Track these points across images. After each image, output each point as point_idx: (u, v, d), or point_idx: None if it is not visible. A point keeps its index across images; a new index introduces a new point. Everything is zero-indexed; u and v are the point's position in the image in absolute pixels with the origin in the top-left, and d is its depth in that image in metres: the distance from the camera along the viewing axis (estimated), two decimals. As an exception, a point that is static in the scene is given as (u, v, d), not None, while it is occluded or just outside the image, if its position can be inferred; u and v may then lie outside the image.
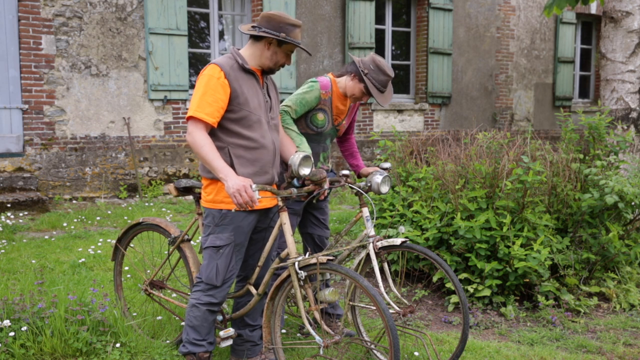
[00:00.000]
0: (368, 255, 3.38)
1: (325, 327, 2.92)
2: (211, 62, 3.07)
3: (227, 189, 2.82)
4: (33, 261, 5.30)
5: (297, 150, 3.34)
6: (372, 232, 3.39)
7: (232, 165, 3.00)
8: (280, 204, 3.03)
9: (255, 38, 3.08)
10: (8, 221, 6.70)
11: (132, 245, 4.10)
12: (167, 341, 3.60)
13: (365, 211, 3.44)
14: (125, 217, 7.26)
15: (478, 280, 4.43)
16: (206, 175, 3.08)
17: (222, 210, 3.04)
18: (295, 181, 3.14)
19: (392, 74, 3.49)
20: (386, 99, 3.52)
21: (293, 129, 3.48)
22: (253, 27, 3.07)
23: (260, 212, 3.17)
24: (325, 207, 3.79)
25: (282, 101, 3.74)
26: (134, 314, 3.89)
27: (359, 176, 3.86)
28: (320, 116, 3.58)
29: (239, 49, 3.16)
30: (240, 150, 3.03)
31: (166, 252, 3.89)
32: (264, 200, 3.09)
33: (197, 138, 2.92)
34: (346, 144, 3.94)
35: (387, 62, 3.52)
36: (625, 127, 6.52)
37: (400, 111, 11.02)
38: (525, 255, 4.24)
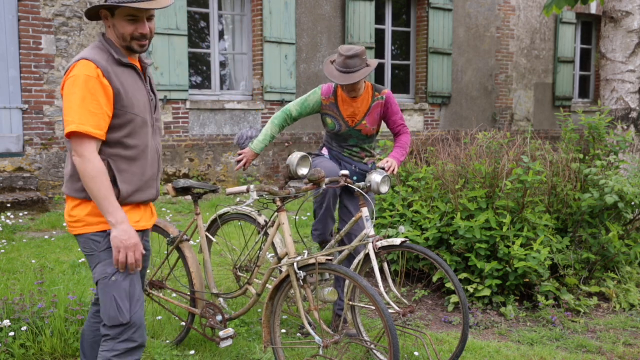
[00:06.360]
0: (368, 255, 3.38)
1: (324, 327, 2.92)
2: (80, 57, 2.38)
3: (114, 239, 2.32)
4: (33, 261, 5.30)
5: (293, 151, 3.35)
6: (372, 232, 3.39)
7: (114, 182, 2.42)
8: (279, 204, 3.02)
9: (102, 20, 2.44)
10: (8, 221, 6.70)
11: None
12: (167, 341, 3.60)
13: (365, 211, 3.43)
14: (125, 217, 7.25)
15: (478, 280, 4.43)
16: (76, 195, 2.43)
17: (105, 231, 2.41)
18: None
19: (350, 52, 3.50)
20: (348, 77, 3.49)
21: (269, 127, 3.73)
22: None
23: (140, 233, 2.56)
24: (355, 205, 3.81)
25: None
26: (134, 314, 3.89)
27: None
28: (329, 120, 3.74)
29: (104, 34, 2.49)
30: (123, 164, 2.44)
31: (165, 252, 3.89)
32: (142, 221, 2.53)
33: (88, 165, 2.31)
34: (396, 143, 3.89)
35: (348, 47, 3.55)
36: (625, 127, 6.52)
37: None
38: (525, 255, 4.24)
